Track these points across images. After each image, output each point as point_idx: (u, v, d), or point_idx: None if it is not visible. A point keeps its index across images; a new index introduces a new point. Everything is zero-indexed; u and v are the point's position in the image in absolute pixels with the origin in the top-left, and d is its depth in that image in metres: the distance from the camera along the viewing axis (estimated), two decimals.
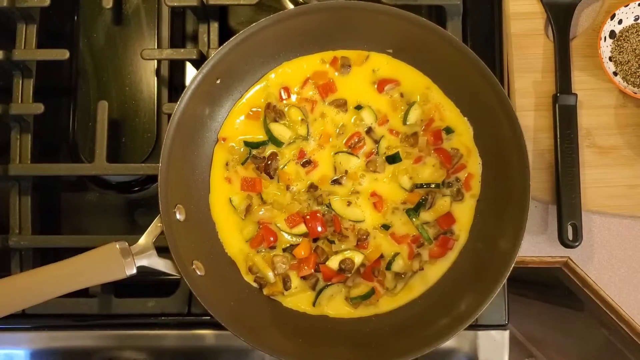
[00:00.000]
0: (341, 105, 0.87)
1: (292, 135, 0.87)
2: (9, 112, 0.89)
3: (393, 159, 0.87)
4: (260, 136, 0.87)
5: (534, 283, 1.18)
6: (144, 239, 0.79)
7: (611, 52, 0.90)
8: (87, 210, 0.97)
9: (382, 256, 0.86)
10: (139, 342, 0.91)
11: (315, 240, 0.86)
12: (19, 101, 0.91)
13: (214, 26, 0.93)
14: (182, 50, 0.93)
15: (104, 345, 0.91)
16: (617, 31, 0.90)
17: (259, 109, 0.88)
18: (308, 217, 0.85)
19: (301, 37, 0.86)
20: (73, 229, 0.97)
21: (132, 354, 0.91)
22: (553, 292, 1.15)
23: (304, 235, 0.86)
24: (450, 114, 0.87)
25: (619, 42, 0.90)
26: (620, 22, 0.90)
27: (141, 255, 0.78)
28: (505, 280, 0.79)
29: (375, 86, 0.88)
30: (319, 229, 0.85)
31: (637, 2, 0.89)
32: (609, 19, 0.89)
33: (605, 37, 0.90)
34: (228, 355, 0.92)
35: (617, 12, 0.89)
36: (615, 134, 0.91)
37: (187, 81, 0.86)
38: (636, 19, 0.90)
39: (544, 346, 1.37)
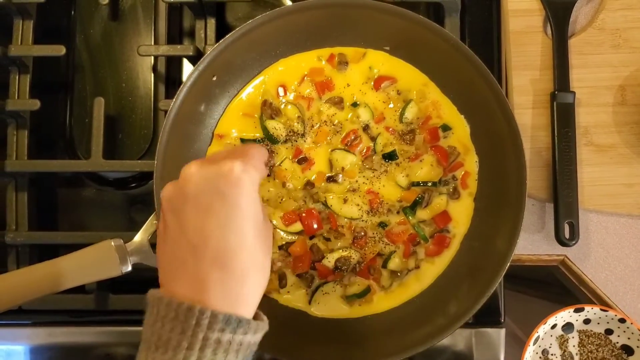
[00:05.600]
0: (337, 102, 0.87)
1: (289, 133, 0.87)
2: (6, 108, 0.89)
3: (390, 156, 0.86)
4: (257, 133, 0.87)
5: (531, 280, 1.18)
6: (139, 237, 0.79)
7: None
8: (84, 206, 0.97)
9: (378, 254, 0.85)
10: (135, 338, 0.89)
11: (311, 238, 0.86)
12: (16, 97, 0.91)
13: (211, 22, 0.93)
14: (179, 46, 0.93)
15: (101, 341, 0.91)
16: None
17: (255, 106, 0.87)
18: (304, 214, 0.85)
19: (298, 34, 0.86)
20: (70, 225, 0.97)
21: (128, 350, 0.91)
22: (550, 289, 1.15)
23: (300, 233, 0.85)
24: (447, 111, 0.87)
25: None
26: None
27: (136, 253, 0.78)
28: (501, 279, 0.79)
29: (372, 83, 0.87)
30: (315, 226, 0.85)
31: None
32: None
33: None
34: None
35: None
36: (612, 132, 0.90)
37: (184, 77, 0.86)
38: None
39: None
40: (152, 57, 0.97)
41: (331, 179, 0.86)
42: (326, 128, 0.87)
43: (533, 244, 0.91)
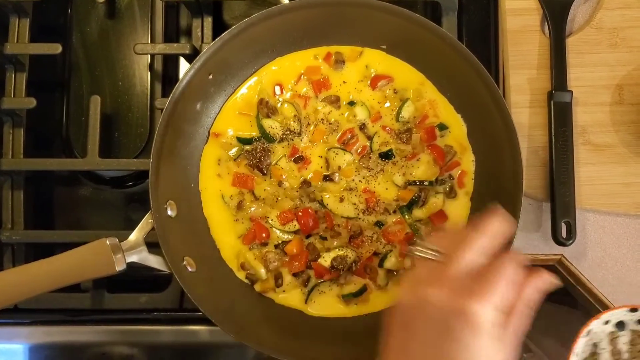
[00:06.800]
0: (334, 101, 0.87)
1: (285, 132, 0.87)
2: (1, 107, 0.89)
3: (386, 155, 0.86)
4: (253, 132, 0.87)
5: None
6: (134, 235, 0.79)
7: None
8: (80, 204, 0.97)
9: (374, 253, 0.85)
10: (131, 337, 0.91)
11: (307, 237, 0.86)
12: (12, 95, 0.91)
13: (208, 21, 0.92)
14: (175, 45, 0.93)
15: (97, 340, 0.91)
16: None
17: (252, 105, 0.87)
18: (300, 213, 0.85)
19: (295, 33, 0.86)
20: (66, 223, 0.97)
21: (124, 349, 0.91)
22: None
23: (296, 232, 0.85)
24: (444, 110, 0.87)
25: None
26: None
27: (132, 252, 0.78)
28: None
29: (369, 82, 0.87)
30: (311, 225, 0.84)
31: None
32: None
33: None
34: (221, 350, 0.92)
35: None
36: (610, 131, 0.90)
37: (181, 76, 0.86)
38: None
39: (541, 342, 1.37)
40: (149, 56, 0.97)
41: (327, 178, 0.86)
42: (322, 127, 0.87)
43: (530, 243, 0.90)
